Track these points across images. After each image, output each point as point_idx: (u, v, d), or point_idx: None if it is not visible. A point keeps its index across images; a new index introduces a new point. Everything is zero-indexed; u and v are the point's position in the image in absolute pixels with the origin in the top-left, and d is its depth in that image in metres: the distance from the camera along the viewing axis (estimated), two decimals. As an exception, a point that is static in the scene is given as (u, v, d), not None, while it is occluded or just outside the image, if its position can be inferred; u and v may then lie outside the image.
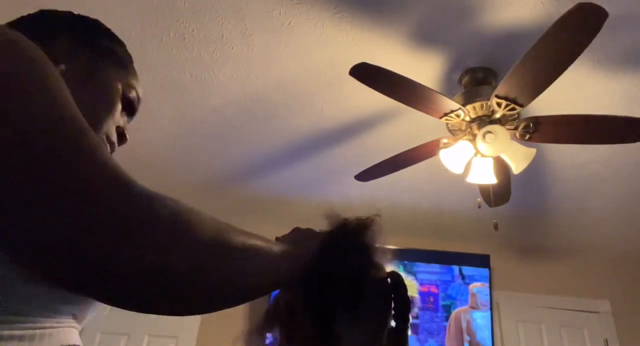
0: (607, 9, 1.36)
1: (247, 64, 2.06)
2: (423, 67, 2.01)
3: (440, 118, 1.92)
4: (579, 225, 3.14)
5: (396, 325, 0.69)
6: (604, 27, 1.41)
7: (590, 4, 1.36)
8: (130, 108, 0.73)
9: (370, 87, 1.79)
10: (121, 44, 0.77)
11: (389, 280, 0.71)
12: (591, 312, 3.24)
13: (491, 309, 3.11)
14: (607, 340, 3.13)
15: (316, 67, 2.05)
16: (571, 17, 1.39)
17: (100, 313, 0.74)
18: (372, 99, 2.05)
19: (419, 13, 1.79)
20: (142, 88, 0.79)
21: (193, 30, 1.90)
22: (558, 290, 3.31)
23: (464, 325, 3.22)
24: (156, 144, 2.61)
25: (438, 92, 1.80)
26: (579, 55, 1.52)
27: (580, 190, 2.78)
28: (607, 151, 2.43)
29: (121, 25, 1.90)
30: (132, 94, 0.72)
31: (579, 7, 1.36)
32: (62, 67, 0.62)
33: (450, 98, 1.84)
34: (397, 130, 2.38)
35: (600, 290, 3.32)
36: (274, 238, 0.68)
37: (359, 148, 2.54)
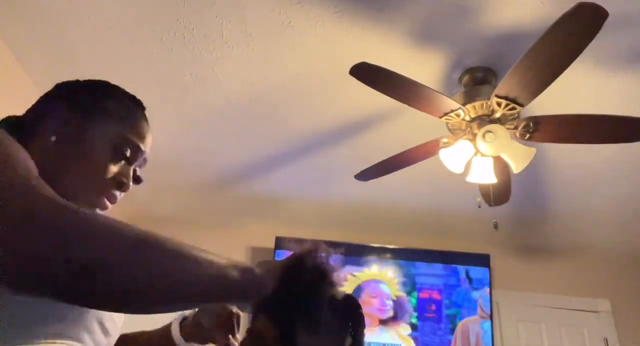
0: (607, 9, 1.36)
1: (247, 64, 2.06)
2: (423, 67, 2.01)
3: (440, 117, 1.92)
4: (579, 225, 3.14)
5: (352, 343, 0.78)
6: (604, 27, 1.41)
7: (590, 3, 1.36)
8: (127, 158, 0.80)
9: (371, 86, 1.79)
10: (122, 100, 0.85)
11: (344, 301, 0.80)
12: (591, 312, 3.24)
13: (491, 309, 3.11)
14: (607, 340, 3.13)
15: (316, 66, 2.05)
16: (571, 17, 1.39)
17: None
18: (372, 99, 2.04)
19: (419, 13, 1.79)
20: (151, 135, 0.88)
21: (193, 30, 1.90)
22: (558, 289, 3.31)
23: (472, 338, 2.85)
24: (156, 144, 2.59)
25: (438, 92, 1.80)
26: (579, 55, 1.52)
27: (580, 190, 2.78)
28: (607, 151, 2.43)
29: (122, 24, 1.90)
30: (124, 147, 0.79)
31: (579, 7, 1.36)
32: (52, 139, 0.73)
33: (450, 98, 1.84)
34: (397, 129, 2.38)
35: (600, 289, 3.32)
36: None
37: (359, 148, 2.54)
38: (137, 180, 0.84)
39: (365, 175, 2.31)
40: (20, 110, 0.82)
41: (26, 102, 0.82)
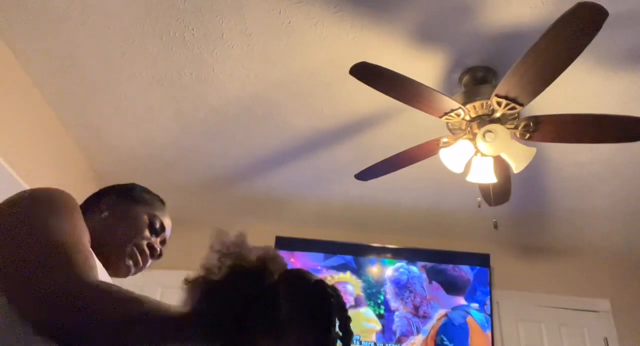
0: (607, 8, 1.36)
1: (247, 64, 2.05)
2: (423, 66, 2.01)
3: (441, 117, 1.92)
4: (579, 225, 3.14)
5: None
6: (604, 27, 1.41)
7: (591, 3, 1.36)
8: (155, 231, 1.07)
9: (371, 86, 1.79)
10: (150, 193, 1.14)
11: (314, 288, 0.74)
12: (591, 311, 3.24)
13: (491, 309, 3.11)
14: (607, 339, 3.13)
15: (316, 66, 2.05)
16: (571, 17, 1.39)
17: None
18: (372, 98, 2.05)
19: (419, 12, 1.79)
20: (169, 218, 1.13)
21: (193, 30, 1.90)
22: (558, 289, 3.31)
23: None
24: (156, 144, 2.60)
25: (438, 91, 1.80)
26: (579, 54, 1.52)
27: (580, 190, 2.78)
28: (607, 151, 2.43)
29: (122, 24, 1.90)
30: (155, 221, 1.07)
31: (579, 7, 1.36)
32: (105, 214, 1.02)
33: (451, 98, 1.84)
34: (397, 129, 2.38)
35: (600, 289, 3.32)
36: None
37: (359, 148, 2.54)
38: (159, 254, 1.07)
39: (365, 175, 2.31)
40: (20, 110, 0.85)
41: (26, 102, 0.84)
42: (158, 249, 1.06)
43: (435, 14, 1.79)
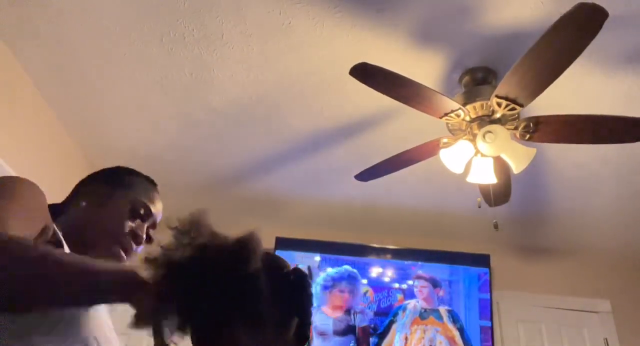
0: (607, 9, 1.36)
1: (247, 64, 2.06)
2: (423, 67, 2.01)
3: (441, 118, 1.92)
4: (579, 225, 3.14)
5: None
6: (604, 27, 1.41)
7: (591, 3, 1.36)
8: (140, 216, 1.02)
9: (371, 86, 1.79)
10: (136, 175, 1.10)
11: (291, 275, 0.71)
12: (591, 312, 3.23)
13: (491, 309, 3.11)
14: (607, 340, 3.13)
15: (316, 66, 2.05)
16: (571, 17, 1.39)
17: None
18: (372, 99, 2.04)
19: (419, 13, 1.79)
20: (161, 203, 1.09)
21: (193, 30, 1.90)
22: (558, 289, 3.31)
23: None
24: (156, 144, 2.60)
25: (438, 92, 1.80)
26: (579, 55, 1.52)
27: (580, 190, 2.78)
28: (607, 151, 2.43)
29: (122, 25, 1.90)
30: (139, 206, 1.02)
31: (579, 7, 1.36)
32: (83, 204, 0.99)
33: (451, 98, 1.84)
34: (397, 130, 2.38)
35: (600, 290, 3.32)
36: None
37: (359, 148, 2.54)
38: (149, 239, 1.03)
39: (365, 175, 2.31)
40: (20, 110, 0.87)
41: (26, 102, 0.86)
42: (143, 235, 1.02)
43: (435, 15, 1.79)
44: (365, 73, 1.72)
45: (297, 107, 2.30)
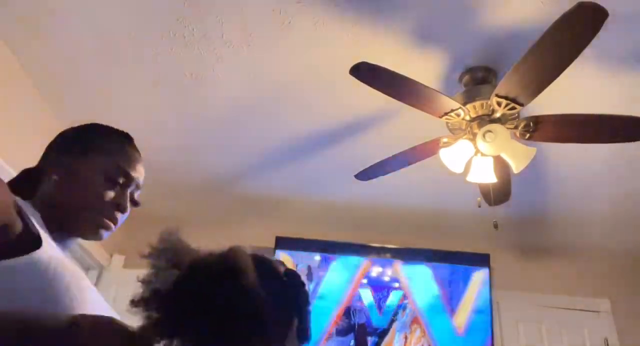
0: (607, 8, 1.36)
1: (247, 64, 2.05)
2: (423, 66, 2.01)
3: (441, 117, 1.92)
4: (579, 225, 3.14)
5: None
6: (604, 27, 1.41)
7: (591, 3, 1.35)
8: (118, 183, 0.95)
9: (371, 86, 1.79)
10: (107, 134, 1.04)
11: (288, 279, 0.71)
12: (591, 312, 3.23)
13: (491, 309, 3.11)
14: (607, 340, 3.13)
15: (316, 66, 2.05)
16: (571, 17, 1.39)
17: None
18: (372, 98, 2.04)
19: (419, 12, 1.79)
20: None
21: (193, 30, 1.90)
22: (558, 289, 3.31)
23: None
24: (156, 144, 2.60)
25: (438, 91, 1.80)
26: (579, 54, 1.52)
27: (580, 190, 2.78)
28: (607, 151, 2.43)
29: (122, 24, 1.90)
30: (114, 172, 0.94)
31: (579, 7, 1.36)
32: (54, 177, 0.92)
33: (450, 98, 1.84)
34: (397, 129, 2.38)
35: (600, 289, 3.32)
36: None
37: (359, 148, 2.54)
38: (135, 203, 0.97)
39: (366, 174, 2.31)
40: (20, 110, 0.85)
41: (26, 102, 0.84)
42: (125, 203, 0.95)
43: (435, 14, 1.79)
44: (365, 72, 1.72)
45: (297, 106, 2.30)
